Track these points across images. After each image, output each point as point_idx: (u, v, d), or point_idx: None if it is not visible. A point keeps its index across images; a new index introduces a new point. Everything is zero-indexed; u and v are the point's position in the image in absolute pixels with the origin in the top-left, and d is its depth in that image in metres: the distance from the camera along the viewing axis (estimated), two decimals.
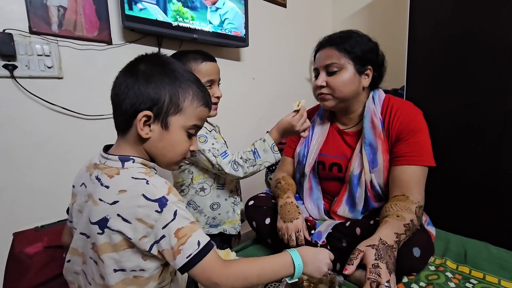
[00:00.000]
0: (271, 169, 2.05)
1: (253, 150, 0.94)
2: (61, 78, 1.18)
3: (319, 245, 0.87)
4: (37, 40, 1.11)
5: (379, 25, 2.02)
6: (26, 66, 1.09)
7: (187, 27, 1.42)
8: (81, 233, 0.58)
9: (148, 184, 0.54)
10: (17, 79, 1.07)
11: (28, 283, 0.85)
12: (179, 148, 0.62)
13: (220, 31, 1.56)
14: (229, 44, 1.65)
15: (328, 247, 0.88)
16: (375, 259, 0.59)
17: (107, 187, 0.55)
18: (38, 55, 1.11)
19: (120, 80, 0.59)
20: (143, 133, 0.57)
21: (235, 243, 1.17)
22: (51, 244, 0.97)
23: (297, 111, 0.92)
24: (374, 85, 0.95)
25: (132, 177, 0.55)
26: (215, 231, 1.05)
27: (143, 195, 0.53)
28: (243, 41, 1.67)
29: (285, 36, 2.11)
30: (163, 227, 0.52)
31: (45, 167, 1.17)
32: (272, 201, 1.01)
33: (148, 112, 0.56)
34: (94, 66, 1.26)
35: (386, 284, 0.56)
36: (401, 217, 0.71)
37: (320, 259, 0.63)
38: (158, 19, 1.32)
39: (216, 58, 1.04)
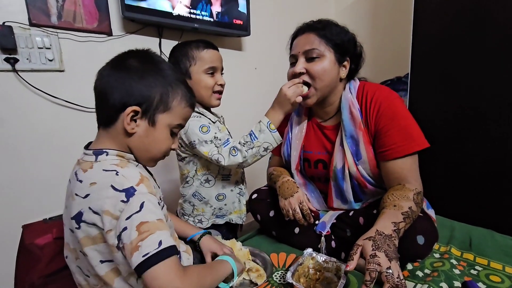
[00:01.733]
0: None
1: (250, 133, 0.91)
2: (62, 71, 1.17)
3: (323, 235, 0.88)
4: (37, 33, 1.10)
5: (383, 11, 1.97)
6: (27, 59, 1.08)
7: (188, 16, 1.40)
8: (69, 229, 0.59)
9: (118, 175, 0.54)
10: (19, 73, 1.07)
11: (40, 273, 0.87)
12: (163, 146, 0.62)
13: (221, 20, 1.53)
14: (230, 34, 1.62)
15: (333, 237, 0.89)
16: (372, 250, 0.59)
17: (81, 181, 0.56)
18: (39, 47, 1.10)
19: (108, 73, 0.59)
20: (129, 127, 0.57)
21: (238, 233, 1.18)
22: (61, 235, 0.99)
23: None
24: (350, 77, 0.92)
25: (103, 169, 0.55)
26: (221, 221, 1.06)
27: (112, 186, 0.52)
28: (244, 30, 1.64)
29: (287, 24, 2.07)
30: (127, 218, 0.50)
31: (50, 160, 1.18)
32: (276, 193, 1.01)
33: (137, 108, 0.57)
34: (95, 58, 1.24)
35: (387, 271, 0.57)
36: (398, 206, 0.70)
37: (240, 262, 0.74)
38: (158, 9, 1.30)
39: (218, 48, 1.03)
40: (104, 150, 0.58)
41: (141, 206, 0.51)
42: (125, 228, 0.50)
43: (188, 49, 0.96)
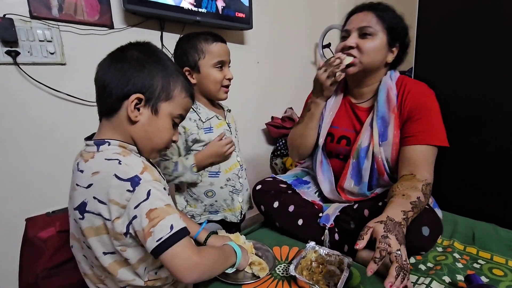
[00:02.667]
0: (276, 154, 2.05)
1: (176, 162, 0.95)
2: (64, 64, 1.17)
3: (327, 227, 0.88)
4: (38, 25, 1.09)
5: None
6: (28, 52, 1.08)
7: (190, 9, 1.39)
8: (74, 219, 0.59)
9: (121, 164, 0.54)
10: (20, 66, 1.06)
11: (43, 265, 0.87)
12: (165, 135, 0.63)
13: (223, 13, 1.51)
14: (233, 27, 1.61)
15: (336, 230, 0.89)
16: (384, 231, 0.60)
17: (82, 171, 0.56)
18: (40, 40, 1.09)
19: (109, 64, 0.59)
20: (133, 115, 0.57)
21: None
22: (64, 229, 1.00)
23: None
24: (393, 65, 0.95)
25: (105, 159, 0.56)
26: (215, 217, 1.05)
27: (115, 175, 0.53)
28: (247, 23, 1.63)
29: (289, 18, 2.05)
30: (135, 207, 0.52)
31: (52, 154, 1.18)
32: (280, 185, 1.01)
33: (140, 95, 0.57)
34: (96, 51, 1.21)
35: (397, 252, 0.57)
36: (407, 195, 0.71)
37: (245, 257, 0.75)
38: (160, 1, 1.29)
39: (226, 41, 1.02)
40: (106, 140, 0.58)
41: (148, 194, 0.52)
42: (135, 217, 0.51)
43: (196, 41, 0.94)
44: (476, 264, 0.81)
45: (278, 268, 0.80)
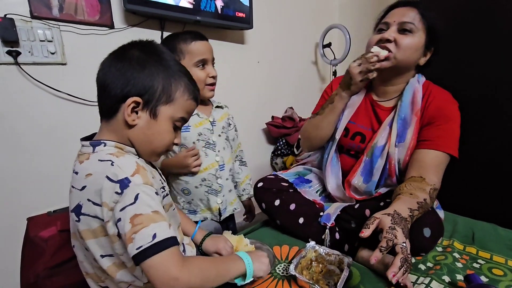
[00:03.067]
0: (276, 153, 2.05)
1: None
2: (64, 64, 1.17)
3: (328, 226, 0.88)
4: (39, 25, 1.09)
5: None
6: (29, 52, 1.08)
7: (190, 9, 1.39)
8: (72, 220, 0.58)
9: (113, 165, 0.53)
10: (21, 66, 1.07)
11: (44, 265, 0.87)
12: (165, 139, 0.61)
13: (223, 13, 1.51)
14: (233, 26, 1.61)
15: (337, 229, 0.89)
16: (391, 223, 0.61)
17: (77, 173, 0.55)
18: (41, 40, 1.09)
19: (110, 63, 0.58)
20: (130, 119, 0.56)
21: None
22: (65, 228, 1.00)
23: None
24: (421, 68, 0.93)
25: (99, 160, 0.54)
26: (194, 218, 1.04)
27: (107, 176, 0.51)
28: (247, 23, 1.63)
29: (289, 18, 2.05)
30: (121, 210, 0.50)
31: (53, 154, 1.18)
32: (281, 183, 1.01)
33: (138, 98, 0.55)
34: (97, 51, 1.22)
35: (403, 244, 0.57)
36: (414, 195, 0.72)
37: (263, 261, 0.68)
38: (160, 1, 1.29)
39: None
40: (102, 141, 0.57)
41: (136, 198, 0.50)
42: (119, 219, 0.50)
43: (176, 43, 0.92)
44: (476, 263, 0.81)
45: (278, 268, 0.80)
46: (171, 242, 0.51)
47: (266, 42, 1.92)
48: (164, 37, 1.41)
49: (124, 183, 0.51)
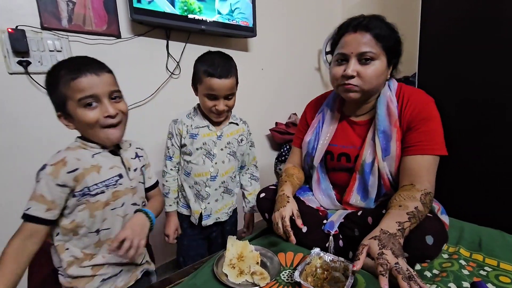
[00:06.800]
0: (280, 159, 2.06)
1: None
2: None
3: (331, 234, 0.88)
4: (49, 36, 1.12)
5: (390, 11, 1.96)
6: (39, 62, 1.11)
7: (195, 18, 1.42)
8: None
9: (54, 155, 0.74)
10: (31, 75, 1.10)
11: (51, 268, 0.89)
12: (86, 119, 0.72)
13: (228, 21, 1.54)
14: (237, 35, 1.63)
15: (340, 236, 0.89)
16: (379, 249, 0.60)
17: None
18: (50, 50, 1.13)
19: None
20: (68, 128, 0.76)
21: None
22: None
23: None
24: (390, 75, 0.92)
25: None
26: (185, 211, 1.15)
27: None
28: (251, 31, 1.66)
29: (293, 25, 2.08)
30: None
31: None
32: None
33: (59, 113, 0.75)
34: (104, 60, 1.25)
35: (396, 265, 0.57)
36: (404, 206, 0.71)
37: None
38: (166, 11, 1.32)
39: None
40: (76, 138, 0.78)
41: (38, 180, 0.71)
42: None
43: (200, 67, 1.00)
44: (483, 271, 0.80)
45: (283, 274, 0.80)
46: (34, 220, 0.70)
47: (269, 50, 1.94)
48: (169, 45, 1.45)
49: (41, 168, 0.72)
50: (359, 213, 0.89)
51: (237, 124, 1.14)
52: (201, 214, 1.12)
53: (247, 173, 1.24)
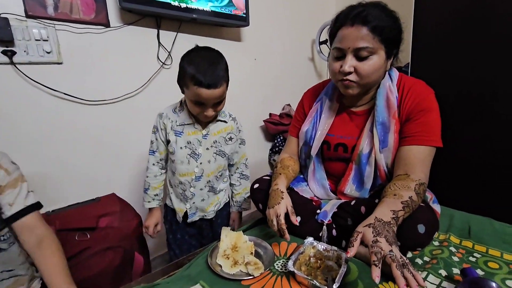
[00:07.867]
0: (274, 150, 2.06)
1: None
2: (60, 63, 1.16)
3: (325, 224, 0.89)
4: (34, 24, 1.08)
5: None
6: (24, 51, 1.07)
7: (186, 7, 1.38)
8: None
9: None
10: (16, 65, 1.06)
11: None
12: None
13: (220, 11, 1.51)
14: (229, 24, 1.60)
15: (334, 226, 0.90)
16: (374, 236, 0.61)
17: None
18: (36, 40, 1.09)
19: None
20: None
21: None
22: (63, 227, 1.00)
23: None
24: (391, 64, 0.89)
25: None
26: (173, 205, 1.14)
27: None
28: (243, 20, 1.62)
29: (286, 14, 2.05)
30: None
31: (51, 154, 1.18)
32: None
33: None
34: (93, 50, 1.23)
35: (390, 253, 0.58)
36: (398, 195, 0.71)
37: None
38: None
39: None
40: None
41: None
42: None
43: (186, 69, 0.90)
44: (472, 257, 0.82)
45: (277, 264, 0.81)
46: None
47: (263, 39, 1.91)
48: (159, 34, 1.41)
49: None
50: (352, 203, 0.89)
51: (225, 121, 1.08)
52: (186, 212, 1.10)
53: (237, 172, 1.20)
